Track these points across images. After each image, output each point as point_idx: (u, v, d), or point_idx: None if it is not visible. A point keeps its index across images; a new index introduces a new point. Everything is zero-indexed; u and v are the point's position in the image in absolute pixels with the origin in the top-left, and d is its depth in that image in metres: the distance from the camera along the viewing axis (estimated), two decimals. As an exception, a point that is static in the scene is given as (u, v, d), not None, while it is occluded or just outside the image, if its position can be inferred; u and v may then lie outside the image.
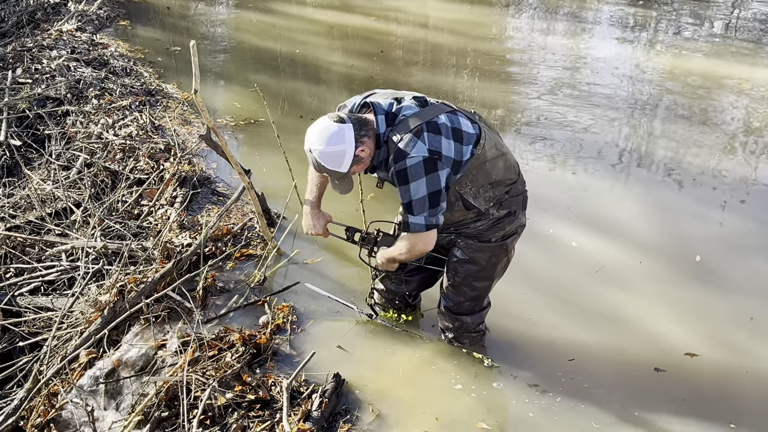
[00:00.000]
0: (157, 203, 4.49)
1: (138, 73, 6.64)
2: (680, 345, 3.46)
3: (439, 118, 2.74)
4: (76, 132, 5.39)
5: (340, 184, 2.81)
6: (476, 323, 3.30)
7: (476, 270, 3.09)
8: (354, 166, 2.75)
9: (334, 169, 2.72)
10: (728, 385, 3.26)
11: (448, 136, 2.72)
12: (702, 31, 8.43)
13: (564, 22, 8.99)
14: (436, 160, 2.68)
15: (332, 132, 2.68)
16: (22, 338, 3.77)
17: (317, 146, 2.69)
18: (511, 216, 2.99)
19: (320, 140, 2.68)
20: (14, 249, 4.28)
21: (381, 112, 2.76)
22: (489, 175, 2.87)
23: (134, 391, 3.14)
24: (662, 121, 6.05)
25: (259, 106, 5.58)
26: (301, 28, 8.53)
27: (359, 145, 2.71)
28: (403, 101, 2.81)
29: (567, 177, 5.04)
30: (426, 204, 2.71)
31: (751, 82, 6.86)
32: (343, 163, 2.71)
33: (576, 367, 3.30)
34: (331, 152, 2.68)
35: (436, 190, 2.70)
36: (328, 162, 2.70)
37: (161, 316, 3.47)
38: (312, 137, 2.71)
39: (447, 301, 3.24)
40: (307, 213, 3.21)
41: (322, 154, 2.69)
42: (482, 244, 3.02)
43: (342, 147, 2.68)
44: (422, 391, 3.15)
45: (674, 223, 4.50)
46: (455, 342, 3.34)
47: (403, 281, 3.36)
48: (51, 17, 8.01)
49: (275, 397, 2.96)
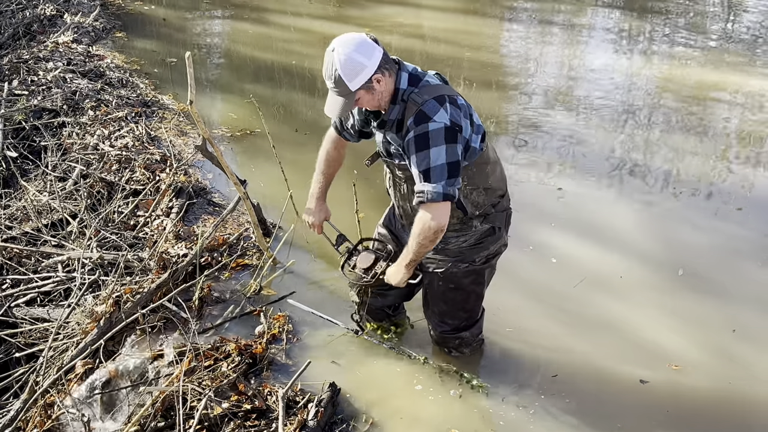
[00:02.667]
0: (153, 214, 4.50)
1: (134, 85, 6.66)
2: (665, 356, 3.46)
3: (459, 98, 2.68)
4: (72, 143, 5.40)
5: (339, 102, 2.62)
6: (475, 335, 3.33)
7: (466, 295, 3.11)
8: (362, 91, 2.58)
9: (345, 80, 2.54)
10: (713, 397, 3.27)
11: (466, 117, 2.66)
12: (696, 41, 8.47)
13: (558, 33, 9.04)
14: (457, 132, 2.58)
15: (365, 42, 2.56)
16: (19, 349, 3.76)
17: (344, 48, 2.53)
18: (494, 233, 2.96)
19: (350, 43, 2.54)
20: (10, 260, 4.28)
21: (405, 70, 2.65)
22: (486, 179, 2.84)
23: (130, 401, 3.15)
24: (657, 131, 6.08)
25: (254, 116, 5.61)
26: (296, 39, 8.56)
27: (379, 72, 2.56)
28: (427, 72, 2.73)
29: (556, 186, 5.06)
30: (445, 172, 2.55)
31: (745, 91, 6.90)
32: (357, 78, 2.54)
33: (559, 381, 3.30)
34: (354, 59, 2.52)
35: (455, 160, 2.57)
36: (345, 69, 2.52)
37: (157, 327, 3.48)
38: (343, 38, 2.57)
39: (442, 327, 3.24)
40: (310, 200, 3.18)
41: (345, 58, 2.52)
42: (467, 269, 2.98)
43: (366, 61, 2.53)
44: (418, 400, 3.16)
45: (665, 233, 4.51)
46: (455, 352, 3.36)
47: (380, 295, 3.33)
48: (47, 29, 8.03)
49: (271, 406, 2.97)
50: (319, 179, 3.16)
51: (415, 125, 2.57)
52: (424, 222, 2.63)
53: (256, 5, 9.63)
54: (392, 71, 2.62)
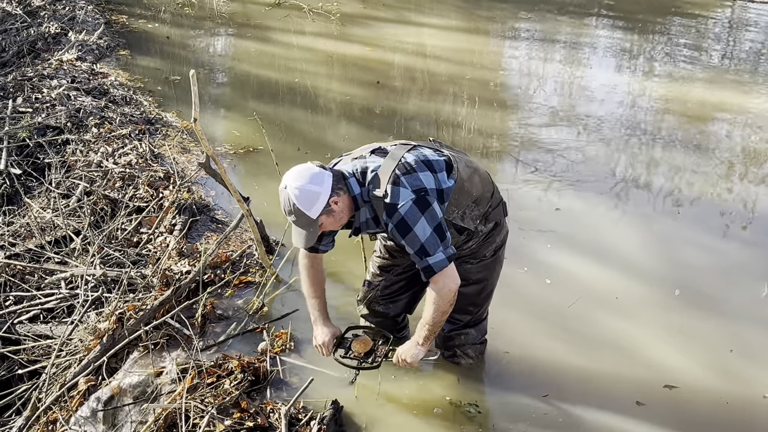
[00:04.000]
0: (156, 231, 4.51)
1: (138, 102, 6.69)
2: (661, 377, 3.44)
3: (404, 157, 2.76)
4: (75, 160, 5.42)
5: (303, 233, 2.73)
6: (480, 334, 3.36)
7: (478, 289, 3.16)
8: (324, 216, 2.70)
9: (304, 210, 2.66)
10: (709, 417, 3.25)
11: (422, 170, 2.75)
12: (698, 60, 8.52)
13: (560, 51, 9.09)
14: (424, 195, 2.69)
15: (313, 173, 2.68)
16: (21, 366, 3.77)
17: (295, 182, 2.66)
18: (498, 227, 3.06)
19: (300, 177, 2.67)
20: (14, 277, 4.29)
21: (350, 176, 2.76)
22: (470, 194, 2.91)
23: (133, 418, 3.14)
24: (658, 149, 6.11)
25: (258, 134, 5.63)
26: (299, 57, 8.61)
27: (334, 195, 2.68)
28: (364, 157, 2.82)
29: (556, 203, 5.07)
30: (437, 239, 2.70)
31: (747, 109, 6.93)
32: (315, 206, 2.66)
33: (552, 401, 3.28)
34: (307, 191, 2.64)
35: (438, 222, 2.71)
36: (302, 201, 2.65)
37: (160, 344, 3.47)
38: (291, 174, 2.70)
39: (450, 325, 3.25)
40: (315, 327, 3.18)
41: (299, 191, 2.64)
42: (478, 264, 3.08)
43: (319, 189, 2.65)
44: (420, 418, 3.16)
45: (664, 252, 4.51)
46: (460, 354, 3.36)
47: (390, 302, 3.35)
48: (51, 47, 8.07)
49: (273, 424, 2.96)
50: (314, 304, 3.17)
51: (389, 217, 2.70)
52: (440, 290, 2.79)
53: (259, 24, 9.70)
54: (344, 188, 2.73)
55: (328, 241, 3.05)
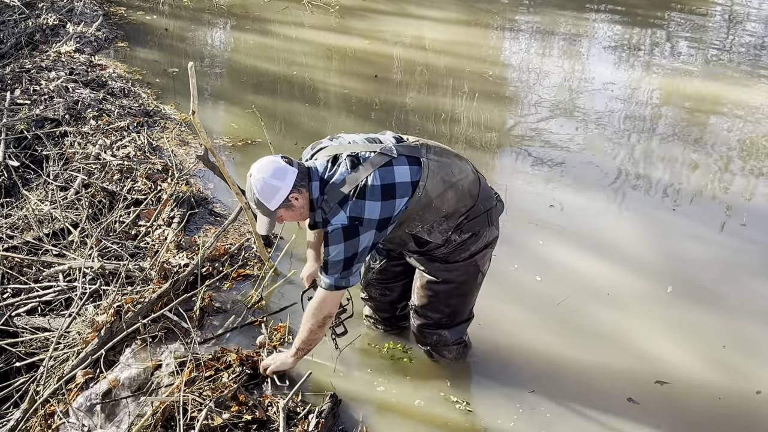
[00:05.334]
0: (154, 224, 4.51)
1: (136, 94, 6.67)
2: (653, 373, 3.44)
3: (367, 180, 2.77)
4: (74, 153, 5.41)
5: (263, 221, 2.87)
6: (455, 337, 3.32)
7: (450, 288, 3.14)
8: (282, 210, 2.82)
9: (264, 202, 2.78)
10: (702, 413, 3.26)
11: (375, 198, 2.77)
12: (698, 54, 8.50)
13: (559, 45, 9.07)
14: (357, 225, 2.77)
15: (277, 167, 2.78)
16: (19, 359, 3.76)
17: (259, 173, 2.78)
18: (474, 237, 3.03)
19: (264, 170, 2.78)
20: (11, 269, 4.29)
21: (316, 178, 2.84)
22: (439, 211, 2.91)
23: (131, 411, 3.14)
24: (657, 143, 6.10)
25: (256, 127, 5.62)
26: (298, 49, 8.59)
27: (294, 191, 2.77)
28: (338, 161, 2.85)
29: (555, 197, 5.07)
30: (340, 267, 2.81)
31: (746, 103, 6.92)
32: (274, 200, 2.77)
33: (541, 396, 3.29)
34: (269, 184, 2.76)
35: (352, 254, 2.79)
36: (263, 193, 2.77)
37: (158, 337, 3.48)
38: (257, 165, 2.82)
39: (421, 320, 3.27)
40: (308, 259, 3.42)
41: (261, 183, 2.76)
42: (450, 265, 3.07)
43: (279, 184, 2.76)
44: (418, 411, 3.16)
45: (660, 244, 4.52)
46: (436, 355, 3.37)
47: (387, 288, 3.41)
48: (50, 39, 8.04)
49: (272, 417, 2.97)
50: (313, 244, 3.34)
51: (323, 227, 2.85)
52: (316, 306, 2.94)
53: (258, 16, 9.66)
54: (306, 188, 2.82)
55: None
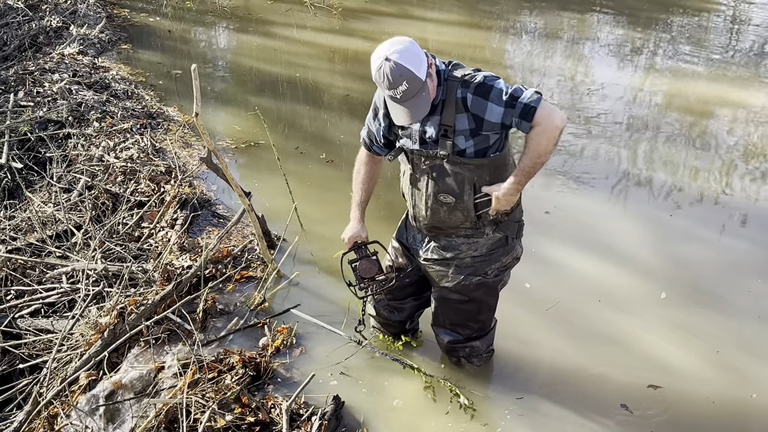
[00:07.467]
0: (157, 225, 4.51)
1: (139, 96, 6.68)
2: (647, 376, 3.42)
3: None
4: (77, 155, 5.42)
5: (415, 101, 2.60)
6: (486, 345, 3.32)
7: (478, 306, 3.12)
8: (428, 80, 2.61)
9: (414, 71, 2.54)
10: (697, 417, 3.25)
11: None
12: (700, 56, 8.48)
13: (561, 46, 9.06)
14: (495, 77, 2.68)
15: (404, 39, 2.61)
16: (22, 360, 3.77)
17: (397, 47, 2.56)
18: (506, 244, 2.99)
19: (397, 45, 2.57)
20: (15, 271, 4.29)
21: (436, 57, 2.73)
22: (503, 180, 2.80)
23: (134, 413, 3.14)
24: (659, 145, 6.08)
25: (259, 129, 5.62)
26: (301, 51, 8.59)
27: (429, 57, 2.64)
28: None
29: (557, 198, 5.05)
30: (518, 86, 2.64)
31: (748, 106, 6.90)
32: (422, 66, 2.57)
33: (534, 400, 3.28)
34: (411, 51, 2.56)
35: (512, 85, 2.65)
36: (410, 61, 2.54)
37: (161, 338, 3.48)
38: (387, 45, 2.59)
39: (452, 336, 3.24)
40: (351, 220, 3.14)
41: (404, 55, 2.54)
42: (479, 281, 3.00)
43: (418, 50, 2.60)
44: (421, 415, 3.16)
45: (660, 246, 4.49)
46: (465, 362, 3.35)
47: (396, 309, 3.36)
48: (53, 41, 8.06)
49: (275, 419, 2.97)
50: (357, 199, 3.12)
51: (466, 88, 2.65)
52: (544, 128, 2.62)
53: (261, 18, 9.67)
54: (432, 59, 2.68)
55: (384, 137, 2.95)
